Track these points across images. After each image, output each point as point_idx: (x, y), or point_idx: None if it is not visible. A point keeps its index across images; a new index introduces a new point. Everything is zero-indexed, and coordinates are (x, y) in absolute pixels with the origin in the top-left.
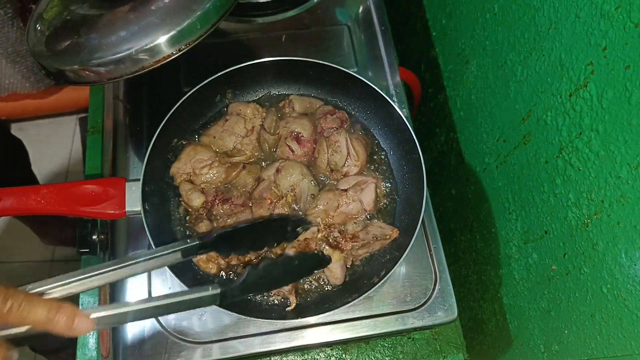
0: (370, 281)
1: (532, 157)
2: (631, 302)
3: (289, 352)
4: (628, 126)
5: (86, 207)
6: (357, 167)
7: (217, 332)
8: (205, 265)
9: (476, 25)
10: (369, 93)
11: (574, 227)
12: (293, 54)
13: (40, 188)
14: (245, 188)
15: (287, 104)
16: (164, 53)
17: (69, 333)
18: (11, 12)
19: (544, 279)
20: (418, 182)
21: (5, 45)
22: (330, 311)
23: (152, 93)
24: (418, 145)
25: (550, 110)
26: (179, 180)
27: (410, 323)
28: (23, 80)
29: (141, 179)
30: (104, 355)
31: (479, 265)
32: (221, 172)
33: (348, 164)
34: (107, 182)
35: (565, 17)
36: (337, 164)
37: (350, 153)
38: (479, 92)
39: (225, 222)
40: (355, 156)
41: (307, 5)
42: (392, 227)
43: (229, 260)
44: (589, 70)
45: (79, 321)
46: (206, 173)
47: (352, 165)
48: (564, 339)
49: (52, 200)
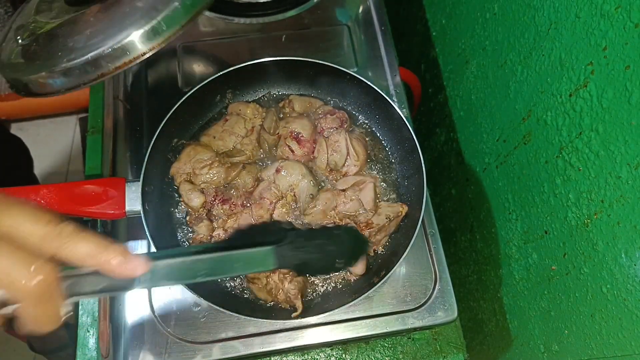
0: (370, 281)
1: (532, 157)
2: (631, 302)
3: (289, 352)
4: (628, 126)
5: (86, 207)
6: (356, 167)
7: (217, 332)
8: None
9: (476, 25)
10: (369, 93)
11: (574, 227)
12: (293, 53)
13: (40, 188)
14: (245, 188)
15: (287, 104)
16: (134, 53)
17: (120, 271)
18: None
19: (544, 279)
20: (418, 182)
21: None
22: (330, 311)
23: (152, 93)
24: (418, 145)
25: (550, 110)
26: (178, 180)
27: (410, 323)
28: None
29: (141, 179)
30: (104, 355)
31: (479, 265)
32: (221, 172)
33: (348, 163)
34: (107, 182)
35: (565, 17)
36: (336, 164)
37: (350, 153)
38: (479, 92)
39: (225, 223)
40: (355, 156)
41: (307, 5)
42: (399, 203)
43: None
44: (589, 70)
45: (131, 258)
46: (206, 173)
47: (352, 165)
48: (564, 339)
49: (52, 200)
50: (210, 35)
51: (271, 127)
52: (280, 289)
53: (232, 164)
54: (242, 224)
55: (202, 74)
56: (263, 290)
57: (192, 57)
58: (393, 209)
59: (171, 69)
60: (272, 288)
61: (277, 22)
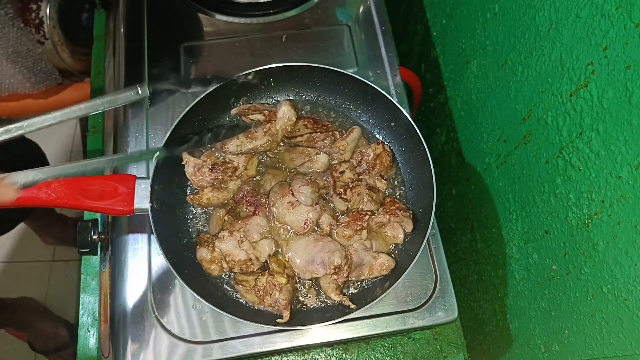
0: (373, 293)
1: (532, 157)
2: (632, 302)
3: (289, 352)
4: (629, 126)
5: (95, 202)
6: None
7: (217, 332)
8: (208, 265)
9: (476, 25)
10: (383, 102)
11: (574, 227)
12: (293, 53)
13: (51, 182)
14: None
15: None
16: None
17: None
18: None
19: (545, 279)
20: (428, 194)
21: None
22: (332, 321)
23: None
24: (429, 154)
25: (550, 110)
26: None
27: (410, 323)
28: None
29: (151, 177)
30: (104, 355)
31: (480, 265)
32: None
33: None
34: (117, 179)
35: (566, 17)
36: None
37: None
38: (479, 92)
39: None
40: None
41: (308, 5)
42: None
43: (231, 266)
44: (590, 70)
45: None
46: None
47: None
48: (565, 339)
49: (62, 194)
50: (211, 36)
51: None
52: (269, 293)
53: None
54: None
55: (202, 74)
56: (251, 292)
57: (194, 58)
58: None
59: (171, 69)
60: (259, 290)
61: (277, 22)
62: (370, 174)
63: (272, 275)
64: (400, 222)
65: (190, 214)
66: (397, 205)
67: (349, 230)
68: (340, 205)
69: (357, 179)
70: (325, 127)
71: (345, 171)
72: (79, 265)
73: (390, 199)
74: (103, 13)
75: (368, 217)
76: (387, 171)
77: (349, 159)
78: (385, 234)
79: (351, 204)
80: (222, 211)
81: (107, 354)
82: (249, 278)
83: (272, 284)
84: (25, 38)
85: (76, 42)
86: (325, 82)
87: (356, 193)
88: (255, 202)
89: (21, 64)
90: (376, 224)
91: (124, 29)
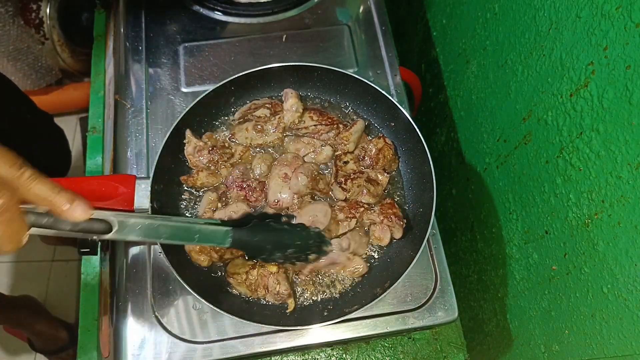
0: (373, 292)
1: (532, 157)
2: (632, 302)
3: (289, 352)
4: (629, 126)
5: (96, 202)
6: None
7: (217, 332)
8: (197, 256)
9: (477, 25)
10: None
11: (574, 227)
12: (293, 53)
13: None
14: (259, 175)
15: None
16: None
17: (65, 214)
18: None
19: (545, 279)
20: (428, 198)
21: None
22: (332, 320)
23: (153, 94)
24: (429, 154)
25: (550, 110)
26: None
27: (410, 323)
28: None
29: (151, 177)
30: (104, 355)
31: (480, 265)
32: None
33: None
34: (117, 179)
35: (566, 17)
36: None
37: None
38: (479, 92)
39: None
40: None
41: (308, 5)
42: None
43: (221, 254)
44: (590, 70)
45: (77, 205)
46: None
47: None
48: (565, 339)
49: None
50: (211, 36)
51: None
52: (262, 285)
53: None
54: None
55: (204, 75)
56: (242, 285)
57: (193, 58)
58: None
59: (171, 69)
60: (251, 283)
61: (277, 22)
62: (374, 169)
63: (263, 266)
64: (391, 227)
65: (191, 213)
66: (395, 210)
67: (342, 214)
68: (339, 194)
69: (359, 172)
70: (330, 119)
71: (349, 162)
72: (79, 265)
73: (390, 200)
74: (103, 13)
75: (363, 209)
76: (391, 164)
77: (352, 150)
78: (373, 232)
79: (350, 194)
80: (214, 194)
81: (107, 354)
82: (240, 271)
83: (264, 275)
84: (25, 35)
85: (76, 42)
86: (325, 82)
87: (356, 184)
88: (245, 187)
89: (22, 61)
90: (368, 219)
91: (124, 29)
